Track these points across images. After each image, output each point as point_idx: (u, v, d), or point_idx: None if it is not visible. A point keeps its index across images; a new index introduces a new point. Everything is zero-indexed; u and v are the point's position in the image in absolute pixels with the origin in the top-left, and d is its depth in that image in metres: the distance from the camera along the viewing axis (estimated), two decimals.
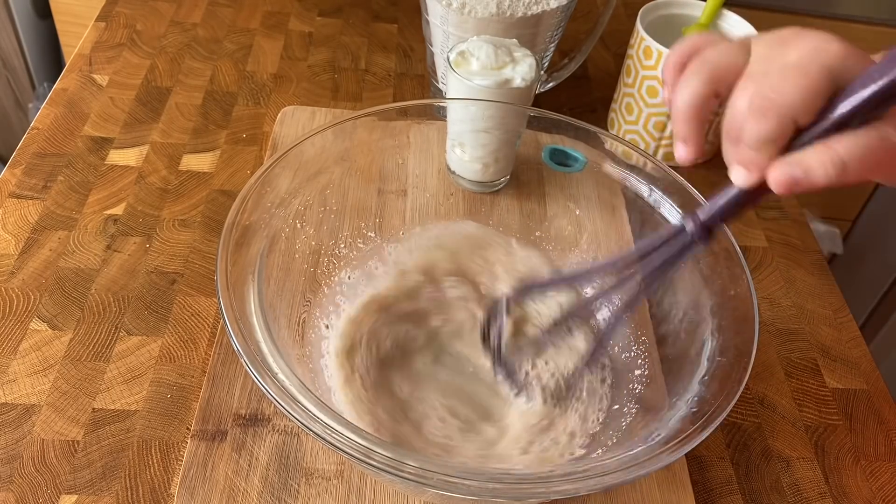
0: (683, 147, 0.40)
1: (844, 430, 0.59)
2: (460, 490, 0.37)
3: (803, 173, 0.34)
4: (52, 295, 0.59)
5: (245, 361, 0.40)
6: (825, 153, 0.34)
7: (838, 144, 0.34)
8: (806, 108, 0.34)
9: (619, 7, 0.98)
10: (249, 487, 0.49)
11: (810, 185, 0.35)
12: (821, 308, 0.67)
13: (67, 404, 0.53)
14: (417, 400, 0.52)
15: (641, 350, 0.53)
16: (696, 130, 0.39)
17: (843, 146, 0.34)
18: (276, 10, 0.90)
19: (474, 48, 0.63)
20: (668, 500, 0.51)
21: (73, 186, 0.67)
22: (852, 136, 0.34)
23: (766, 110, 0.35)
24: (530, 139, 0.59)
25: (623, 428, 0.49)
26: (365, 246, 0.58)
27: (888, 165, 0.35)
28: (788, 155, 0.35)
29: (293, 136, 0.72)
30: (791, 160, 0.35)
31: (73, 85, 0.77)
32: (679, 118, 0.39)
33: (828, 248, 1.43)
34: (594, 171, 0.57)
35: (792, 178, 0.35)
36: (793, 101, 0.34)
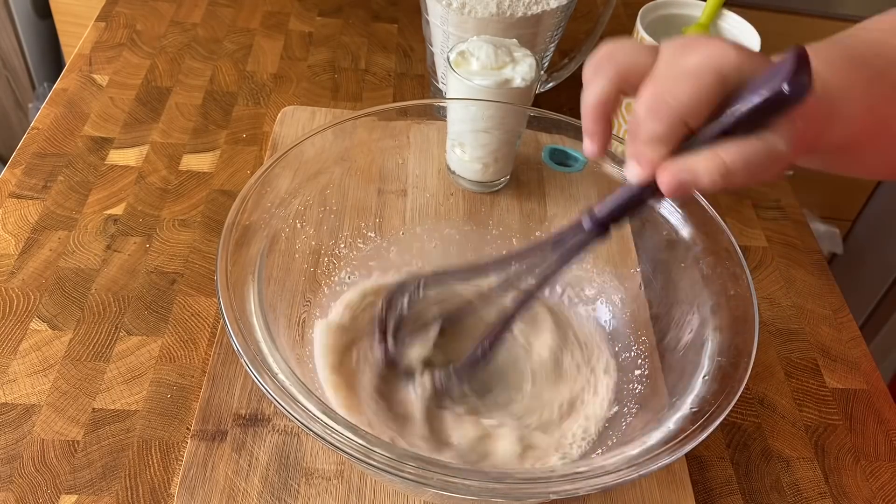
0: (589, 142, 0.42)
1: (844, 430, 0.59)
2: (460, 490, 0.37)
3: (690, 177, 0.36)
4: (52, 295, 0.59)
5: (245, 361, 0.40)
6: (712, 160, 0.36)
7: (725, 152, 0.36)
8: (695, 111, 0.36)
9: (619, 7, 0.98)
10: (249, 487, 0.49)
11: (697, 188, 0.36)
12: (821, 308, 0.67)
13: (67, 404, 0.53)
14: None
15: (641, 350, 0.53)
16: (601, 126, 0.41)
17: (729, 154, 0.35)
18: (276, 10, 0.90)
19: (474, 48, 0.63)
20: (668, 500, 0.51)
21: (73, 186, 0.67)
22: (738, 144, 0.36)
23: (658, 111, 0.37)
24: (530, 139, 0.59)
25: (623, 428, 0.49)
26: (365, 246, 0.58)
27: (770, 171, 0.37)
28: (678, 159, 0.37)
29: (293, 136, 0.72)
30: (679, 165, 0.36)
31: (73, 85, 0.77)
32: (586, 114, 0.41)
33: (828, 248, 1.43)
34: (594, 171, 0.57)
35: (679, 182, 0.36)
36: (683, 103, 0.36)
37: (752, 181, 0.37)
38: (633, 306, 0.55)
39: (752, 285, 0.46)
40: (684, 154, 0.37)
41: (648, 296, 0.54)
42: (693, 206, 0.51)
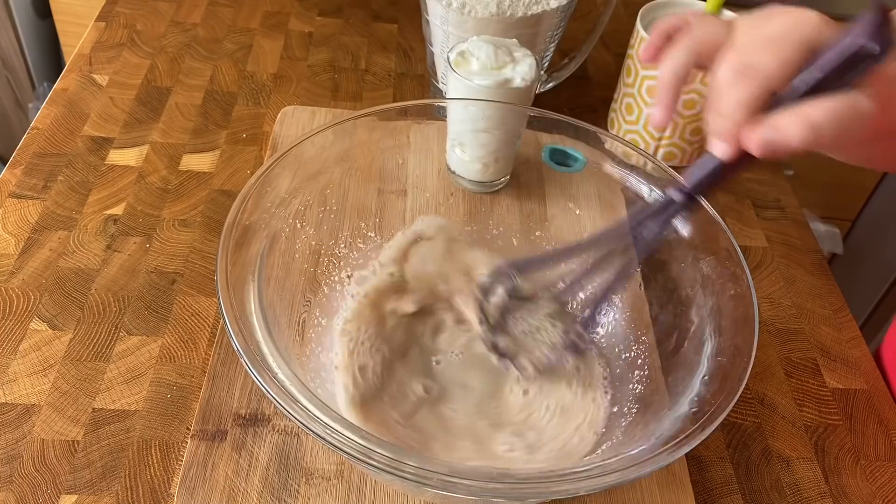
0: (660, 111, 0.43)
1: (844, 430, 0.59)
2: (460, 490, 0.37)
3: (779, 135, 0.36)
4: (52, 295, 0.59)
5: (245, 361, 0.40)
6: (799, 116, 0.36)
7: (810, 108, 0.36)
8: (781, 75, 0.36)
9: (619, 7, 0.98)
10: (249, 487, 0.49)
11: (786, 146, 0.36)
12: (821, 308, 0.67)
13: (67, 404, 0.53)
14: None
15: (641, 350, 0.53)
16: (673, 97, 0.43)
17: (814, 110, 0.36)
18: (276, 10, 0.90)
19: (474, 48, 0.63)
20: (668, 500, 0.51)
21: (73, 186, 0.67)
22: (824, 101, 0.36)
23: (743, 76, 0.37)
24: (530, 139, 0.59)
25: (623, 428, 0.49)
26: (365, 246, 0.58)
27: (857, 131, 0.36)
28: (765, 119, 0.37)
29: (293, 136, 0.72)
30: (767, 124, 0.36)
31: (73, 85, 0.77)
32: (663, 85, 0.42)
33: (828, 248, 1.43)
34: (594, 171, 0.57)
35: (768, 140, 0.36)
36: (768, 68, 0.36)
37: (840, 141, 0.36)
38: (633, 306, 0.55)
39: (752, 285, 0.46)
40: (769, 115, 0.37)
41: (648, 296, 0.54)
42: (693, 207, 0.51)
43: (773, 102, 0.37)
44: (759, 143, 0.36)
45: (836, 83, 0.36)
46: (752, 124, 0.37)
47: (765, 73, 0.36)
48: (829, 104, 0.36)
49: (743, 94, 0.37)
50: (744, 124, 0.37)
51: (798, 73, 0.37)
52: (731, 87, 0.37)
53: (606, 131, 0.56)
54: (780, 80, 0.36)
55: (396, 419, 0.50)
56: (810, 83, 0.36)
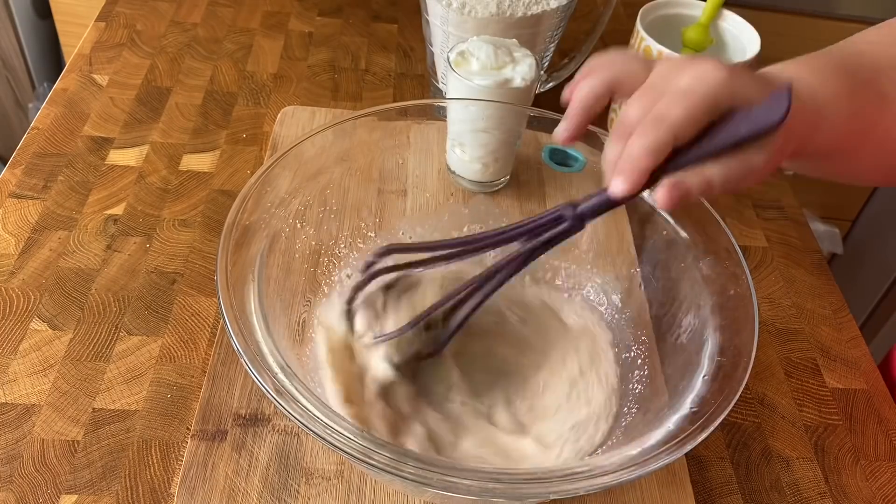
0: (565, 126, 0.44)
1: (844, 430, 0.59)
2: (460, 490, 0.37)
3: (683, 193, 0.40)
4: (52, 295, 0.59)
5: (245, 361, 0.40)
6: (699, 177, 0.40)
7: (709, 170, 0.40)
8: (686, 128, 0.39)
9: (619, 7, 0.98)
10: (249, 487, 0.49)
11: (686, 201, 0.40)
12: (821, 308, 0.67)
13: (67, 404, 0.53)
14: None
15: (641, 350, 0.53)
16: (582, 117, 0.44)
17: (712, 172, 0.40)
18: (276, 10, 0.90)
19: (474, 48, 0.63)
20: (668, 500, 0.51)
21: (73, 186, 0.67)
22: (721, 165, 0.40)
23: (656, 125, 0.39)
24: (530, 139, 0.59)
25: (623, 428, 0.49)
26: (365, 246, 0.58)
27: (747, 182, 0.41)
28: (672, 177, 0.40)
29: (293, 136, 0.72)
30: (675, 183, 0.40)
31: (73, 85, 0.77)
32: (575, 103, 0.44)
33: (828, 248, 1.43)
34: (594, 171, 0.57)
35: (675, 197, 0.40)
36: (677, 120, 0.39)
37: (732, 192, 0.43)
38: (633, 306, 0.55)
39: (752, 285, 0.46)
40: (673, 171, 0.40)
41: (648, 296, 0.54)
42: (693, 206, 0.51)
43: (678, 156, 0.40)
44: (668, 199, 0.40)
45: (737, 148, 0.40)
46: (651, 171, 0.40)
47: (673, 124, 0.39)
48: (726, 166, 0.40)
49: (651, 141, 0.39)
50: (647, 171, 0.40)
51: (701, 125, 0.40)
52: (642, 134, 0.40)
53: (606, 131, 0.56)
54: (685, 132, 0.39)
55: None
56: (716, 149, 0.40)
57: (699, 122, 0.40)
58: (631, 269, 0.56)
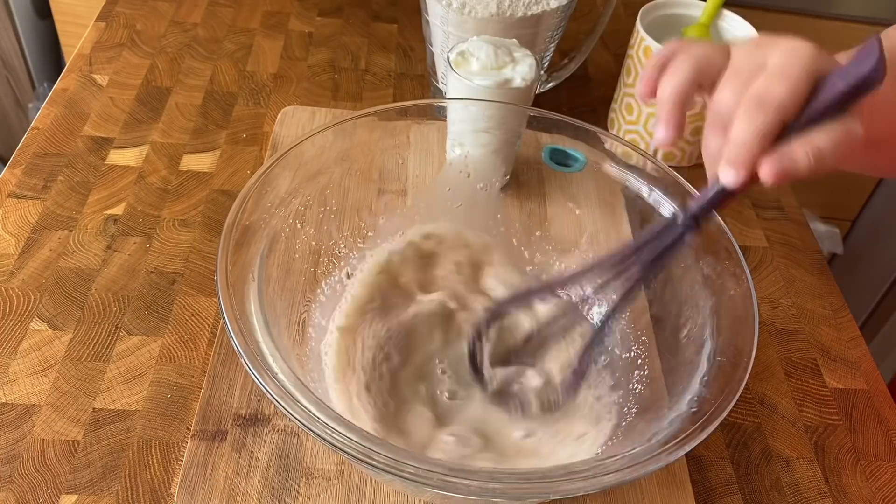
0: (665, 129, 0.43)
1: (844, 430, 0.59)
2: (460, 490, 0.37)
3: (791, 164, 0.38)
4: (52, 295, 0.59)
5: (245, 361, 0.40)
6: (808, 145, 0.38)
7: (817, 139, 0.38)
8: (793, 106, 0.38)
9: (619, 7, 0.98)
10: (249, 487, 0.49)
11: (796, 175, 0.39)
12: (821, 308, 0.67)
13: (67, 404, 0.53)
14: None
15: (641, 350, 0.53)
16: (678, 115, 0.43)
17: (820, 139, 0.38)
18: (276, 10, 0.90)
19: (474, 48, 0.63)
20: (668, 500, 0.51)
21: (73, 186, 0.67)
22: (827, 130, 0.38)
23: (762, 107, 0.38)
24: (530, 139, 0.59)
25: (623, 428, 0.49)
26: (365, 246, 0.58)
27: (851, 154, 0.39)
28: (777, 150, 0.39)
29: (293, 136, 0.72)
30: (781, 154, 0.38)
31: (73, 85, 0.77)
32: (665, 103, 0.43)
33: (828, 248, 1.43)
34: (594, 171, 0.57)
35: (783, 169, 0.38)
36: (783, 99, 0.38)
37: (839, 164, 0.39)
38: (634, 306, 0.55)
39: (752, 285, 0.46)
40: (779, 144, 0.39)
41: (648, 296, 0.54)
42: None
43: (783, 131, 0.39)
44: (775, 172, 0.38)
45: (837, 110, 0.38)
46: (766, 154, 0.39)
47: (780, 104, 0.38)
48: (832, 133, 0.38)
49: (760, 125, 0.38)
50: (759, 155, 0.38)
51: (804, 101, 0.38)
52: (749, 117, 0.38)
53: (606, 131, 0.56)
54: (792, 111, 0.38)
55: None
56: (818, 113, 0.38)
57: (803, 98, 0.38)
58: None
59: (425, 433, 0.50)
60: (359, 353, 0.53)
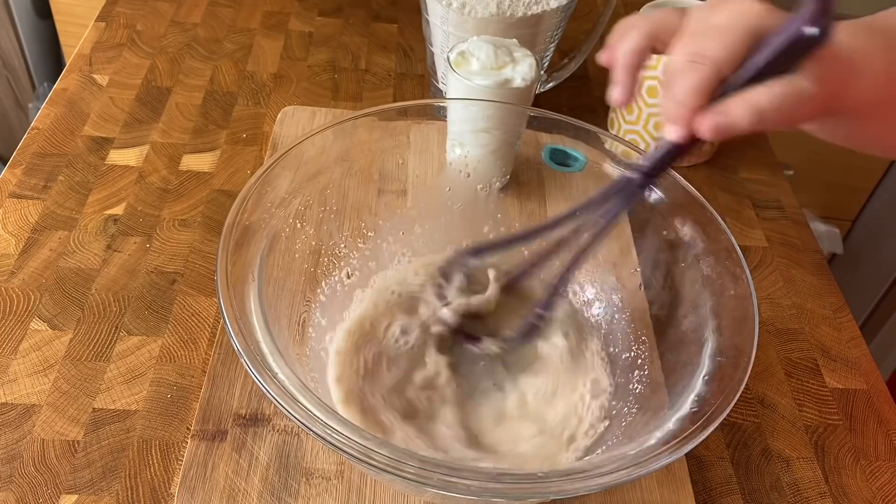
0: (618, 90, 0.45)
1: (844, 430, 0.59)
2: (460, 490, 0.37)
3: (727, 120, 0.39)
4: (52, 295, 0.59)
5: (245, 361, 0.40)
6: (746, 101, 0.38)
7: (756, 94, 0.38)
8: (729, 62, 0.39)
9: (619, 7, 0.98)
10: (249, 487, 0.49)
11: (735, 129, 0.39)
12: (821, 308, 0.67)
13: (67, 404, 0.53)
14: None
15: (641, 350, 0.53)
16: (630, 77, 0.44)
17: (760, 95, 0.38)
18: (276, 10, 0.90)
19: (474, 48, 0.63)
20: (668, 500, 0.51)
21: (73, 186, 0.67)
22: (768, 87, 0.38)
23: (694, 63, 0.39)
24: (530, 139, 0.59)
25: (623, 428, 0.49)
26: (365, 246, 0.58)
27: (800, 113, 0.39)
28: (714, 105, 0.39)
29: (293, 136, 0.72)
30: (716, 109, 0.39)
31: (73, 85, 0.77)
32: (619, 65, 0.44)
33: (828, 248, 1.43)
34: (594, 171, 0.57)
35: (717, 125, 0.39)
36: (717, 55, 0.39)
37: (785, 123, 0.39)
38: (633, 306, 0.55)
39: (752, 285, 0.46)
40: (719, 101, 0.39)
41: (648, 296, 0.54)
42: (693, 206, 0.51)
43: (723, 88, 0.39)
44: (711, 128, 0.39)
45: (781, 68, 0.38)
46: (704, 110, 0.39)
47: (714, 59, 0.39)
48: (773, 89, 0.38)
49: (694, 80, 0.39)
50: (696, 109, 0.39)
51: (745, 60, 0.39)
52: (683, 74, 0.39)
53: (606, 131, 0.56)
54: (729, 67, 0.39)
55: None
56: (757, 69, 0.39)
57: (741, 55, 0.39)
58: (631, 269, 0.56)
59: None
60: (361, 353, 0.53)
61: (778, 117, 0.39)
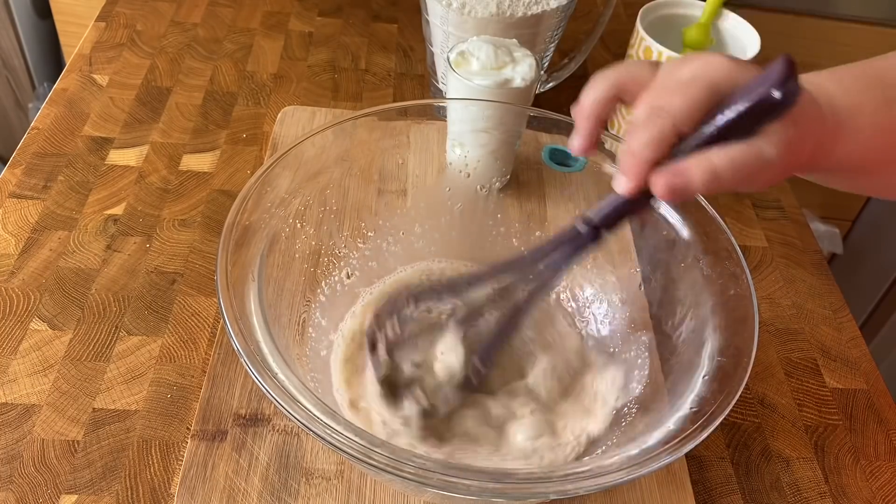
0: (578, 139, 0.43)
1: (844, 430, 0.59)
2: (460, 490, 0.37)
3: (682, 180, 0.37)
4: (52, 295, 0.59)
5: (245, 361, 0.40)
6: (702, 162, 0.37)
7: (714, 155, 0.37)
8: (688, 116, 0.37)
9: (619, 7, 0.98)
10: (249, 487, 0.49)
11: (688, 191, 0.37)
12: (821, 308, 0.67)
13: (67, 404, 0.53)
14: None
15: (641, 350, 0.53)
16: (592, 126, 0.43)
17: (717, 157, 0.37)
18: (276, 10, 0.90)
19: (474, 48, 0.63)
20: (668, 500, 0.51)
21: (73, 186, 0.67)
22: (727, 149, 0.37)
23: (652, 116, 0.38)
24: (530, 139, 0.59)
25: (623, 428, 0.49)
26: (365, 246, 0.58)
27: (762, 177, 0.38)
28: (670, 163, 0.38)
29: (293, 136, 0.72)
30: (672, 169, 0.37)
31: (73, 85, 0.77)
32: (580, 113, 0.43)
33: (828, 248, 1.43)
34: (594, 171, 0.57)
35: (671, 184, 0.37)
36: (676, 109, 0.37)
37: (742, 186, 0.38)
38: (633, 306, 0.55)
39: (752, 285, 0.46)
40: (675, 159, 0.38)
41: (648, 296, 0.54)
42: (693, 207, 0.51)
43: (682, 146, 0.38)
44: (664, 186, 0.37)
45: (744, 129, 0.37)
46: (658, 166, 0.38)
47: (672, 113, 0.37)
48: (731, 152, 0.37)
49: (651, 133, 0.37)
50: (649, 163, 0.38)
51: (705, 116, 0.37)
52: (641, 126, 0.38)
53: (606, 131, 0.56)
54: (687, 122, 0.37)
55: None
56: (718, 128, 0.37)
57: (700, 110, 0.37)
58: (631, 269, 0.56)
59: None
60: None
61: (736, 181, 0.37)
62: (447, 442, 0.49)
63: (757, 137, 0.37)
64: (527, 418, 0.50)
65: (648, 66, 0.42)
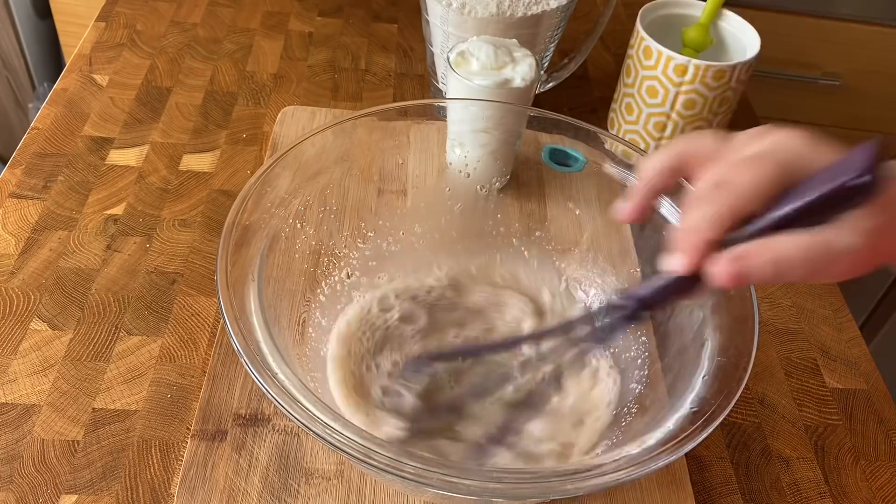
0: (629, 206, 0.41)
1: (844, 430, 0.59)
2: (460, 490, 0.37)
3: (743, 267, 0.34)
4: (52, 295, 0.59)
5: (245, 361, 0.40)
6: (766, 248, 0.34)
7: (780, 243, 0.34)
8: (754, 195, 0.35)
9: (619, 7, 0.98)
10: (249, 487, 0.49)
11: (750, 280, 0.35)
12: (821, 308, 0.67)
13: (67, 404, 0.53)
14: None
15: (641, 350, 0.53)
16: (646, 196, 0.40)
17: (784, 244, 0.34)
18: (276, 10, 0.90)
19: (474, 48, 0.63)
20: (668, 500, 0.51)
21: (73, 186, 0.67)
22: (793, 238, 0.34)
23: (715, 192, 0.35)
24: (530, 139, 0.59)
25: (623, 428, 0.49)
26: (365, 246, 0.58)
27: (835, 269, 0.35)
28: (732, 250, 0.35)
29: (293, 136, 0.72)
30: (734, 254, 0.35)
31: (73, 85, 0.77)
32: (640, 181, 0.40)
33: None
34: (594, 171, 0.57)
35: (733, 272, 0.34)
36: (742, 186, 0.35)
37: (812, 277, 0.35)
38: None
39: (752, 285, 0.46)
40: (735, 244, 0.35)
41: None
42: None
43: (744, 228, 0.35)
44: (725, 273, 0.35)
45: (819, 215, 0.34)
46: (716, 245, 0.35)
47: (738, 191, 0.35)
48: (799, 240, 0.34)
49: (712, 209, 0.35)
50: (708, 243, 0.35)
51: (769, 196, 0.35)
52: (703, 201, 0.36)
53: (606, 131, 0.56)
54: (753, 201, 0.35)
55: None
56: (793, 211, 0.34)
57: (768, 190, 0.34)
58: (631, 269, 0.56)
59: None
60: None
61: (804, 273, 0.34)
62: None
63: (830, 226, 0.34)
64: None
65: (716, 138, 0.39)
